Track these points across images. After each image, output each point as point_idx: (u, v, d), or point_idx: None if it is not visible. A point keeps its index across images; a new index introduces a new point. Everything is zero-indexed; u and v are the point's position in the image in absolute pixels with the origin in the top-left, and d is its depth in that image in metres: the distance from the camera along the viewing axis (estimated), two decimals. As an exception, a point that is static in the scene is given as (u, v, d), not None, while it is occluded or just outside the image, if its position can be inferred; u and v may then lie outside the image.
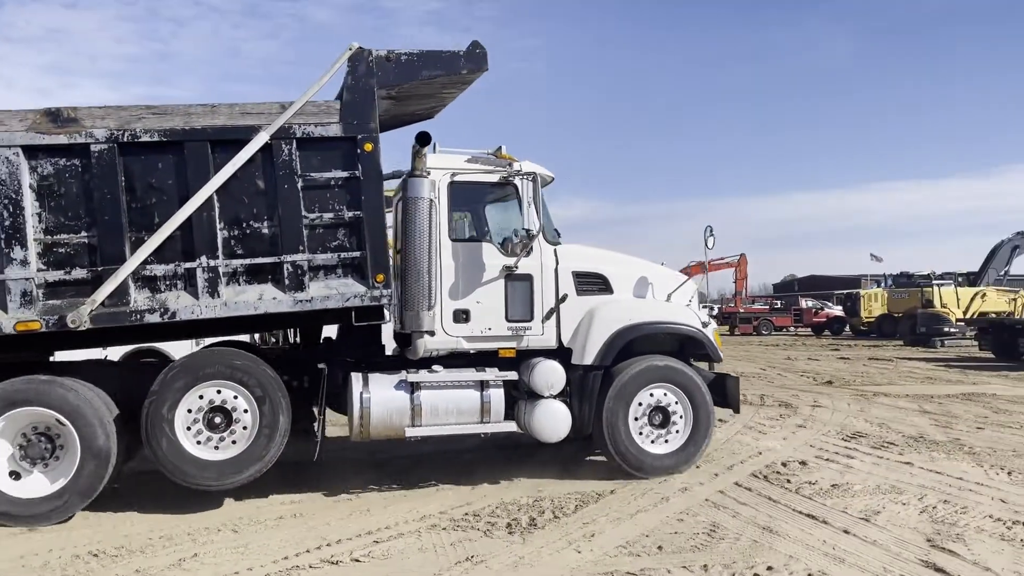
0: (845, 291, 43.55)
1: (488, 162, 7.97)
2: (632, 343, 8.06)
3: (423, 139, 7.21)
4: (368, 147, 7.03)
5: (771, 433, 10.43)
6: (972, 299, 32.04)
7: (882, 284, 40.70)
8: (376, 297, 7.04)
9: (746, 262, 43.62)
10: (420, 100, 8.13)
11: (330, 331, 8.46)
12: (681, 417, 8.05)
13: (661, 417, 8.03)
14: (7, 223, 6.54)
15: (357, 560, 5.66)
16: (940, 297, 31.76)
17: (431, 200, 7.33)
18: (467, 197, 8.06)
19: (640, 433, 7.97)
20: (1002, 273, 33.80)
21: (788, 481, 7.68)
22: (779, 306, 46.80)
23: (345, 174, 7.04)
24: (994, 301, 32.06)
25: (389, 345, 8.23)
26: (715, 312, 39.05)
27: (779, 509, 6.75)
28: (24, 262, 6.55)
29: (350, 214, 7.04)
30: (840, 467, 8.30)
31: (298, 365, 7.66)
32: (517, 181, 7.93)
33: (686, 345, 8.49)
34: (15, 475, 6.69)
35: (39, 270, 6.61)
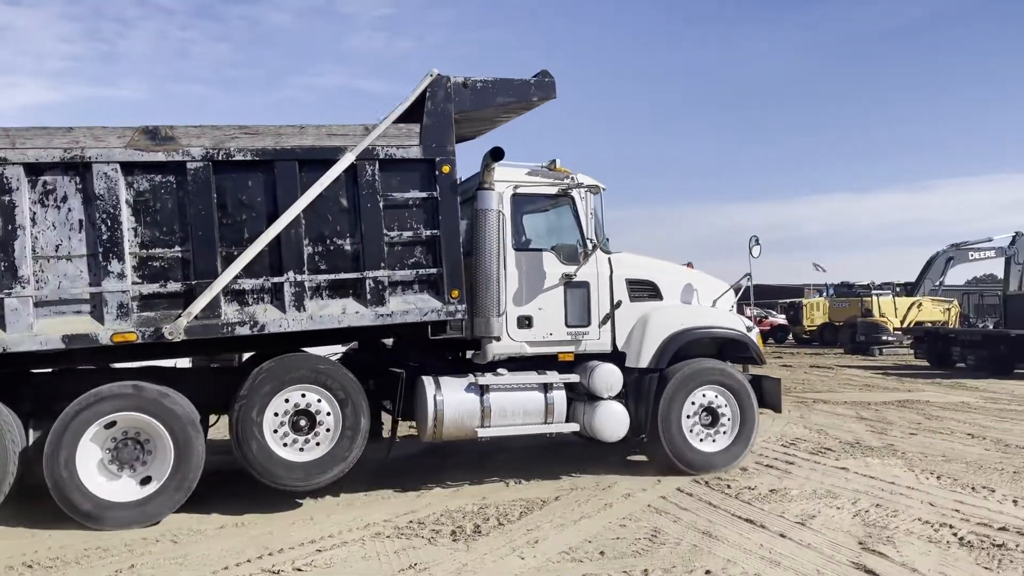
0: (788, 300, 44.46)
1: (547, 175, 8.29)
2: (682, 346, 8.45)
3: (497, 154, 7.54)
4: (446, 169, 7.43)
5: (714, 439, 10.61)
6: (909, 309, 32.97)
7: (824, 294, 41.65)
8: (451, 312, 7.46)
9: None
10: (476, 123, 8.45)
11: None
12: (729, 418, 8.51)
13: (710, 417, 8.48)
14: (105, 237, 6.68)
15: (299, 570, 5.62)
16: (879, 307, 32.65)
17: (499, 212, 7.73)
18: (523, 208, 8.38)
19: (691, 431, 8.39)
20: (937, 284, 34.79)
21: (728, 487, 7.85)
22: (725, 314, 47.46)
23: (423, 194, 7.42)
24: (930, 311, 33.05)
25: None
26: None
27: (719, 514, 6.89)
28: (121, 275, 6.71)
29: (427, 233, 7.43)
30: (779, 473, 8.51)
31: (367, 370, 7.81)
32: (574, 193, 8.27)
33: (725, 348, 8.94)
34: (107, 478, 6.73)
35: (134, 283, 6.77)
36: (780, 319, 42.45)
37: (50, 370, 7.33)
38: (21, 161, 6.52)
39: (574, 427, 8.13)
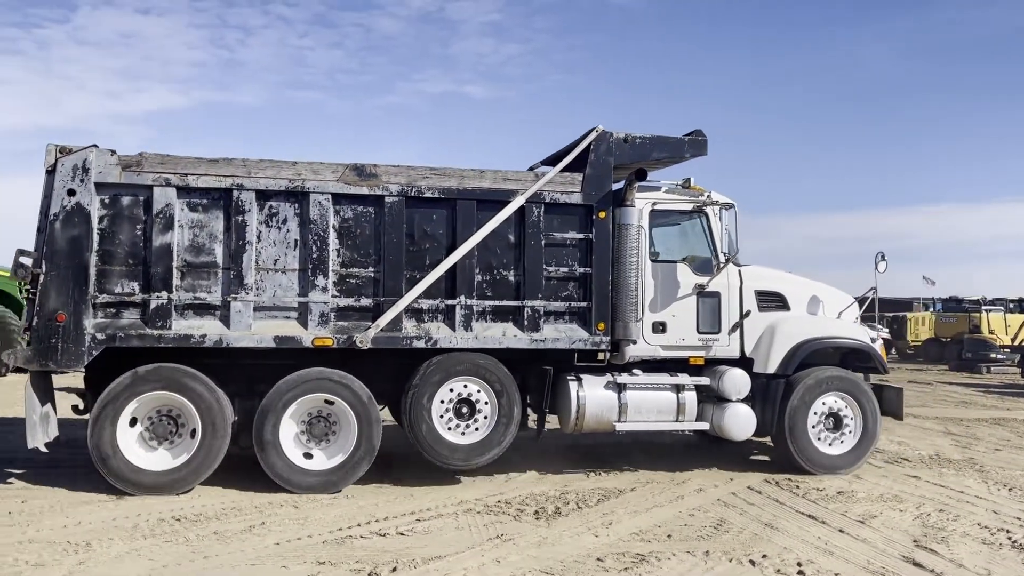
0: (892, 314, 43.21)
1: (682, 192, 9.07)
2: (808, 355, 9.09)
3: (641, 175, 8.41)
4: (602, 215, 8.47)
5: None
6: (1021, 326, 31.72)
7: (931, 308, 40.32)
8: (596, 343, 8.48)
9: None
10: (627, 170, 9.17)
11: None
12: (852, 424, 9.11)
13: (834, 422, 9.08)
14: (315, 256, 7.88)
15: (402, 534, 6.48)
16: (988, 323, 31.54)
17: (640, 226, 8.60)
18: (658, 222, 9.11)
19: (816, 435, 9.01)
20: (1056, 301, 33.34)
21: (797, 487, 8.30)
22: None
23: (580, 236, 8.47)
24: (1045, 329, 31.66)
25: None
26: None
27: (784, 510, 7.40)
28: (324, 288, 7.90)
29: (580, 270, 8.47)
30: (849, 477, 8.87)
31: (517, 366, 8.58)
32: (708, 210, 9.07)
33: (848, 357, 9.58)
34: (308, 455, 7.87)
35: (333, 296, 7.94)
36: (884, 333, 41.14)
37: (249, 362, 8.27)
38: (255, 188, 7.77)
39: (704, 426, 8.85)
